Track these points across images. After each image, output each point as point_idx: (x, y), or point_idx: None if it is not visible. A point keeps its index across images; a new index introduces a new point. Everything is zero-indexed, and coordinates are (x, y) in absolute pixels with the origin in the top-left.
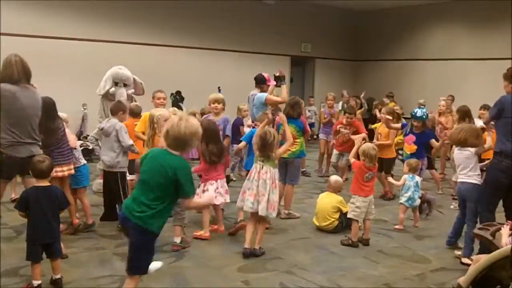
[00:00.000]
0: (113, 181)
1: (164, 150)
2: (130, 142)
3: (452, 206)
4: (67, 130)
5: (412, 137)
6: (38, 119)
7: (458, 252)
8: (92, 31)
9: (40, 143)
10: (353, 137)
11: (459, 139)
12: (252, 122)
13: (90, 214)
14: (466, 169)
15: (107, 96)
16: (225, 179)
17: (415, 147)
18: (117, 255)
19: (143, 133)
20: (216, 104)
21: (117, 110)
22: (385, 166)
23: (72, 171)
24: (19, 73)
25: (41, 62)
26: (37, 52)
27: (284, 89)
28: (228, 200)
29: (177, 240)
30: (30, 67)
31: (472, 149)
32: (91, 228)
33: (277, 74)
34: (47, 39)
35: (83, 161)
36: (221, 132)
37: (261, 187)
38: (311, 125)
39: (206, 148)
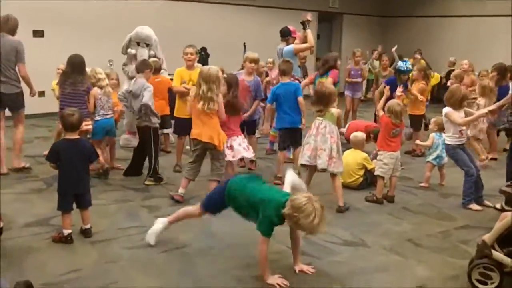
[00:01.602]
0: (145, 135)
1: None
2: (150, 102)
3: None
4: (93, 93)
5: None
6: (11, 63)
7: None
8: None
9: (18, 85)
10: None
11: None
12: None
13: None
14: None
15: (130, 57)
16: (240, 136)
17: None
18: (144, 207)
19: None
20: (253, 64)
21: (143, 68)
22: (412, 122)
23: (88, 127)
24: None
25: (68, 19)
26: (64, 9)
27: (310, 33)
28: (249, 156)
29: None
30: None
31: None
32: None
33: (301, 20)
34: None
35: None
36: (252, 94)
37: (320, 142)
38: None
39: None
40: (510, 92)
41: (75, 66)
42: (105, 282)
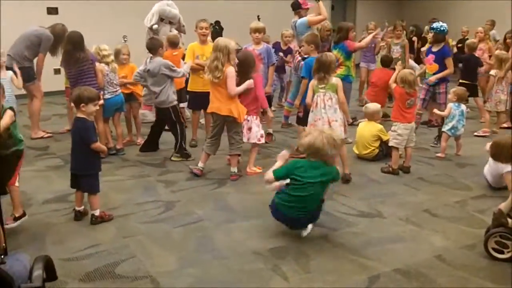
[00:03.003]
0: (166, 117)
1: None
2: (181, 73)
3: None
4: (100, 68)
5: (432, 56)
6: (33, 47)
7: None
8: None
9: (22, 62)
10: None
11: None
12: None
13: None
14: None
15: (152, 30)
16: (254, 116)
17: (437, 66)
18: (160, 182)
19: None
20: (257, 34)
21: (155, 47)
22: None
23: (100, 102)
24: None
25: None
26: None
27: (322, 6)
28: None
29: (234, 169)
30: None
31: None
32: (120, 153)
33: None
34: None
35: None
36: (264, 61)
37: (329, 113)
38: None
39: (239, 80)
40: None
41: (76, 42)
42: (123, 256)
